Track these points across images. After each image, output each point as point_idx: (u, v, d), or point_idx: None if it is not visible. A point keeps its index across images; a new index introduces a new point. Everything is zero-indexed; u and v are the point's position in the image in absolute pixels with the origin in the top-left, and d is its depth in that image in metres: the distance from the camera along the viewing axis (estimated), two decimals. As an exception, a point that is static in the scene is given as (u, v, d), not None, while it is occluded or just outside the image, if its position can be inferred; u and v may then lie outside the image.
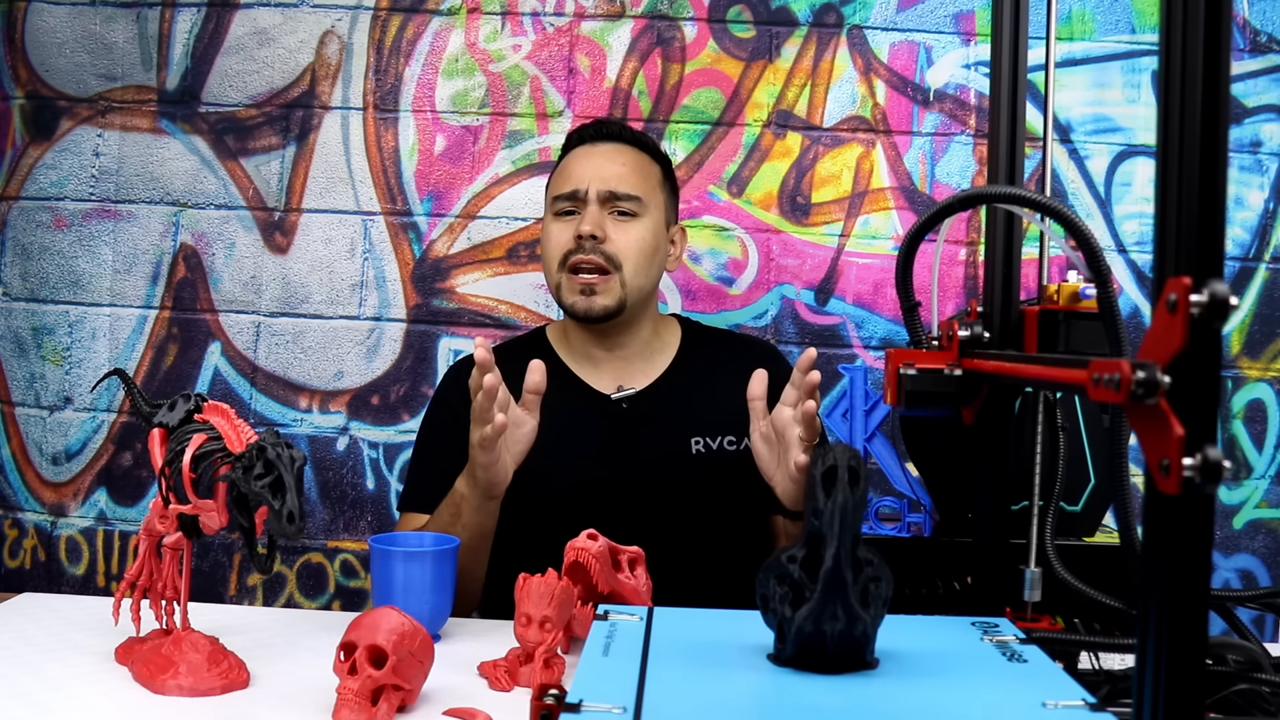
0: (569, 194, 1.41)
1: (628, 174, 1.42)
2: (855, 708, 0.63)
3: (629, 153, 1.45)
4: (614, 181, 1.40)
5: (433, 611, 1.10)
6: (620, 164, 1.42)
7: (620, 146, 1.45)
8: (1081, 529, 1.06)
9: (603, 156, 1.43)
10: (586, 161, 1.43)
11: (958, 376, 0.89)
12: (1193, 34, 0.51)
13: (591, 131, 1.47)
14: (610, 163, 1.42)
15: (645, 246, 1.41)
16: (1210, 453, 0.49)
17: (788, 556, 0.69)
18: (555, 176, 1.47)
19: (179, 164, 1.84)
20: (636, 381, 1.44)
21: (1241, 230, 1.80)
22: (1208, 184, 0.51)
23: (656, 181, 1.46)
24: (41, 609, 1.17)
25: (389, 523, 1.82)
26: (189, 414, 0.98)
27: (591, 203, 1.39)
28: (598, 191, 1.40)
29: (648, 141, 1.49)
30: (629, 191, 1.41)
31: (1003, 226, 0.96)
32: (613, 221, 1.40)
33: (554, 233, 1.42)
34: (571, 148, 1.48)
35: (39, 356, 1.87)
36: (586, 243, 1.37)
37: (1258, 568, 1.80)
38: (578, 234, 1.38)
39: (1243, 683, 0.83)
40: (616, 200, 1.40)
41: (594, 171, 1.41)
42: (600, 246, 1.38)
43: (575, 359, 1.47)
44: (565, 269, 1.39)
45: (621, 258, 1.39)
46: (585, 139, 1.47)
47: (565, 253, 1.39)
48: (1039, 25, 1.00)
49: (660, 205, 1.45)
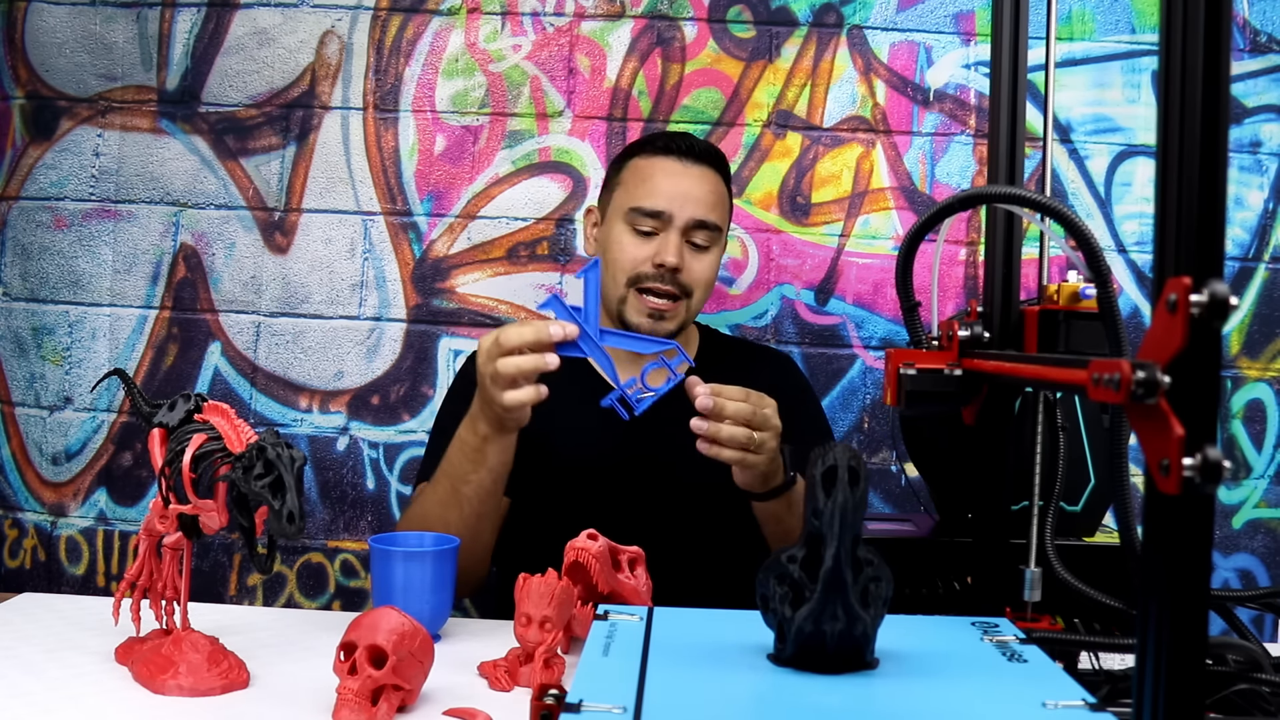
0: (654, 212, 1.38)
1: (715, 202, 1.41)
2: (855, 708, 0.63)
3: (714, 178, 1.43)
4: (703, 210, 1.39)
5: (433, 611, 1.10)
6: (709, 190, 1.41)
7: (707, 171, 1.42)
8: (1081, 529, 1.06)
9: (693, 180, 1.40)
10: (676, 181, 1.40)
11: (958, 376, 0.89)
12: (1193, 34, 0.51)
13: (682, 146, 1.43)
14: (700, 188, 1.40)
15: (713, 273, 1.43)
16: (1210, 453, 0.49)
17: (788, 556, 0.69)
18: (634, 182, 1.42)
19: (179, 164, 1.84)
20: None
21: (1241, 230, 1.80)
22: (1208, 184, 0.51)
23: (728, 205, 1.47)
24: (41, 609, 1.17)
25: (389, 523, 1.82)
26: (189, 414, 0.98)
27: (675, 231, 1.38)
28: (686, 220, 1.38)
29: (724, 159, 1.47)
30: (714, 220, 1.40)
31: (1003, 226, 0.96)
32: (689, 250, 1.39)
33: (628, 246, 1.39)
34: (652, 154, 1.43)
35: (39, 356, 1.87)
36: (666, 274, 1.37)
37: (1257, 568, 1.80)
38: (659, 262, 1.37)
39: (1243, 683, 0.83)
40: (701, 229, 1.39)
41: (684, 196, 1.39)
42: (677, 277, 1.38)
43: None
44: (633, 288, 1.39)
45: (693, 285, 1.40)
46: (674, 152, 1.42)
47: (638, 273, 1.38)
48: (1039, 25, 1.00)
49: (727, 227, 1.47)
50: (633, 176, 1.43)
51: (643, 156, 1.44)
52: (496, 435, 1.22)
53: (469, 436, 1.25)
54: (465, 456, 1.25)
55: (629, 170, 1.45)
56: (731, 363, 1.50)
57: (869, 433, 1.81)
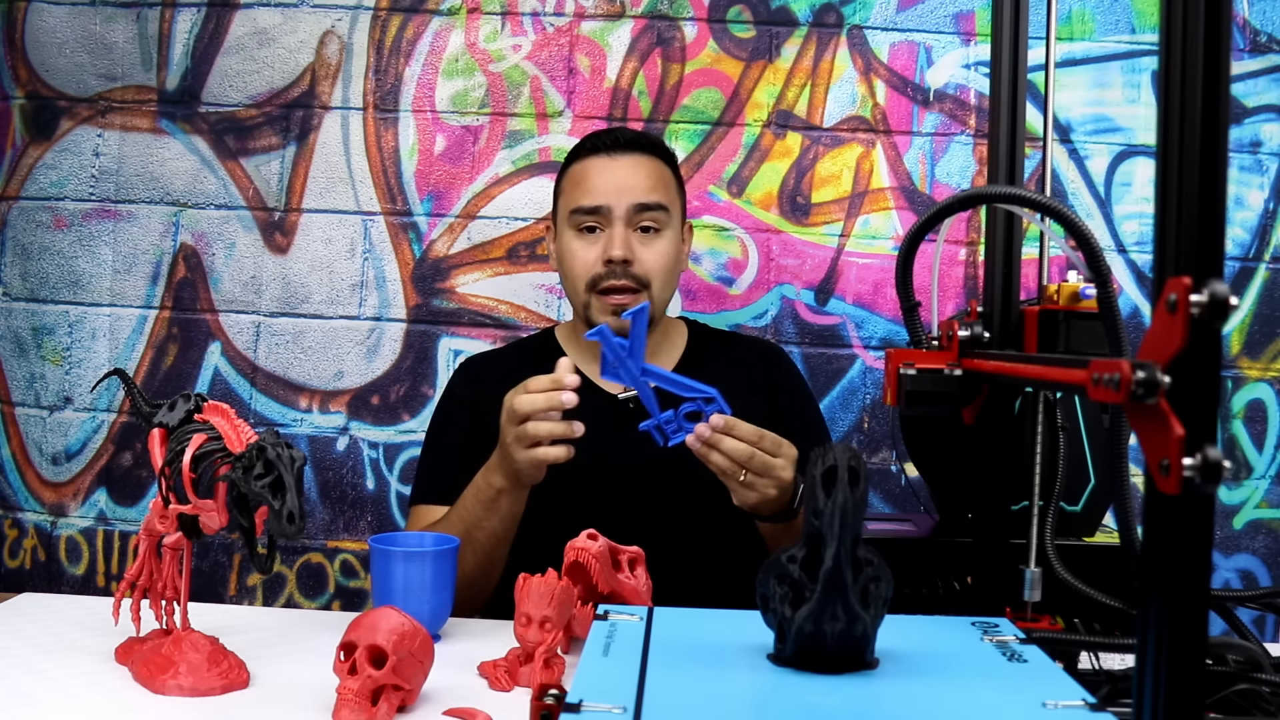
0: (592, 208, 1.38)
1: (654, 184, 1.39)
2: (855, 708, 0.63)
3: (648, 162, 1.41)
4: (641, 194, 1.37)
5: (433, 611, 1.10)
6: (644, 175, 1.39)
7: (639, 157, 1.41)
8: (1081, 529, 1.06)
9: (625, 169, 1.39)
10: (608, 174, 1.39)
11: (958, 376, 0.89)
12: (1193, 34, 0.51)
13: (608, 141, 1.42)
14: (634, 174, 1.39)
15: (670, 260, 1.40)
16: (1210, 453, 0.49)
17: (788, 556, 0.69)
18: (571, 188, 1.42)
19: (179, 164, 1.84)
20: None
21: (1241, 230, 1.80)
22: (1208, 184, 0.51)
23: (675, 187, 1.45)
24: (41, 609, 1.17)
25: (389, 523, 1.82)
26: (189, 414, 0.98)
27: (618, 222, 1.37)
28: (626, 208, 1.37)
29: (659, 144, 1.46)
30: (657, 200, 1.38)
31: (1003, 226, 0.96)
32: (639, 239, 1.38)
33: (578, 251, 1.39)
34: (583, 156, 1.43)
35: (39, 356, 1.87)
36: (617, 267, 1.36)
37: (1258, 568, 1.80)
38: (607, 258, 1.36)
39: (1243, 683, 0.83)
40: (644, 212, 1.37)
41: (619, 185, 1.37)
42: (630, 270, 1.36)
43: (584, 360, 1.47)
44: (594, 291, 1.38)
45: (650, 276, 1.38)
46: (601, 148, 1.41)
47: (594, 275, 1.37)
48: (1039, 25, 1.01)
49: (678, 211, 1.44)
50: (569, 183, 1.43)
51: (577, 162, 1.43)
52: (512, 489, 1.23)
53: (485, 486, 1.25)
54: (480, 504, 1.26)
55: (566, 179, 1.44)
56: (720, 355, 1.50)
57: (869, 433, 1.81)
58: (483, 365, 1.51)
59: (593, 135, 1.46)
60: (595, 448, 1.39)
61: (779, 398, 1.46)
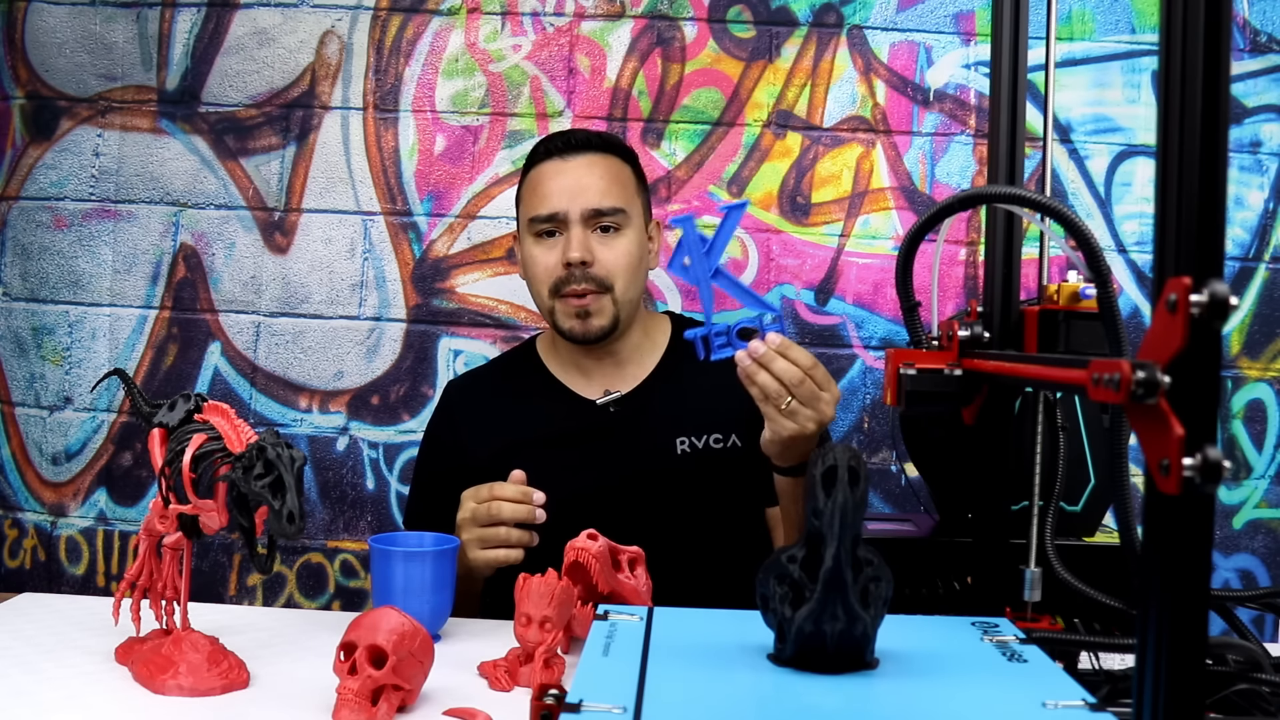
0: (548, 215, 1.36)
1: (608, 186, 1.37)
2: (855, 708, 0.63)
3: (603, 162, 1.39)
4: (595, 197, 1.36)
5: (433, 611, 1.10)
6: (598, 176, 1.37)
7: (593, 157, 1.38)
8: (1081, 529, 1.06)
9: (579, 171, 1.37)
10: (561, 178, 1.37)
11: (958, 376, 0.89)
12: (1193, 34, 0.51)
13: (560, 143, 1.39)
14: (588, 176, 1.37)
15: (632, 259, 1.38)
16: (1210, 453, 0.49)
17: (788, 556, 0.69)
18: (527, 195, 1.41)
19: (179, 164, 1.84)
20: (625, 384, 1.43)
21: (1241, 230, 1.80)
22: (1208, 184, 0.51)
23: (633, 187, 1.42)
24: (41, 609, 1.17)
25: (389, 523, 1.82)
26: (189, 414, 0.98)
27: (575, 224, 1.35)
28: (580, 211, 1.35)
29: (616, 142, 1.44)
30: (612, 204, 1.36)
31: (1003, 226, 0.96)
32: (597, 240, 1.36)
33: (538, 257, 1.38)
34: (538, 161, 1.41)
35: (39, 356, 1.87)
36: (576, 270, 1.34)
37: (1258, 568, 1.80)
38: (566, 261, 1.34)
39: (1243, 683, 0.83)
40: (599, 217, 1.36)
41: (572, 189, 1.36)
42: (589, 272, 1.35)
43: (564, 368, 1.46)
44: (557, 295, 1.36)
45: (612, 278, 1.36)
46: (554, 152, 1.39)
47: (555, 280, 1.36)
48: (1039, 25, 1.00)
49: (639, 209, 1.42)
50: (526, 190, 1.42)
51: (532, 168, 1.42)
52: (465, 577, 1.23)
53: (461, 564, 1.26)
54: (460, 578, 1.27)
55: (524, 186, 1.43)
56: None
57: (869, 433, 1.81)
58: (465, 392, 1.51)
59: (546, 139, 1.44)
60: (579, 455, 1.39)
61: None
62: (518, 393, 1.46)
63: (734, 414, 1.38)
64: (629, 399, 1.41)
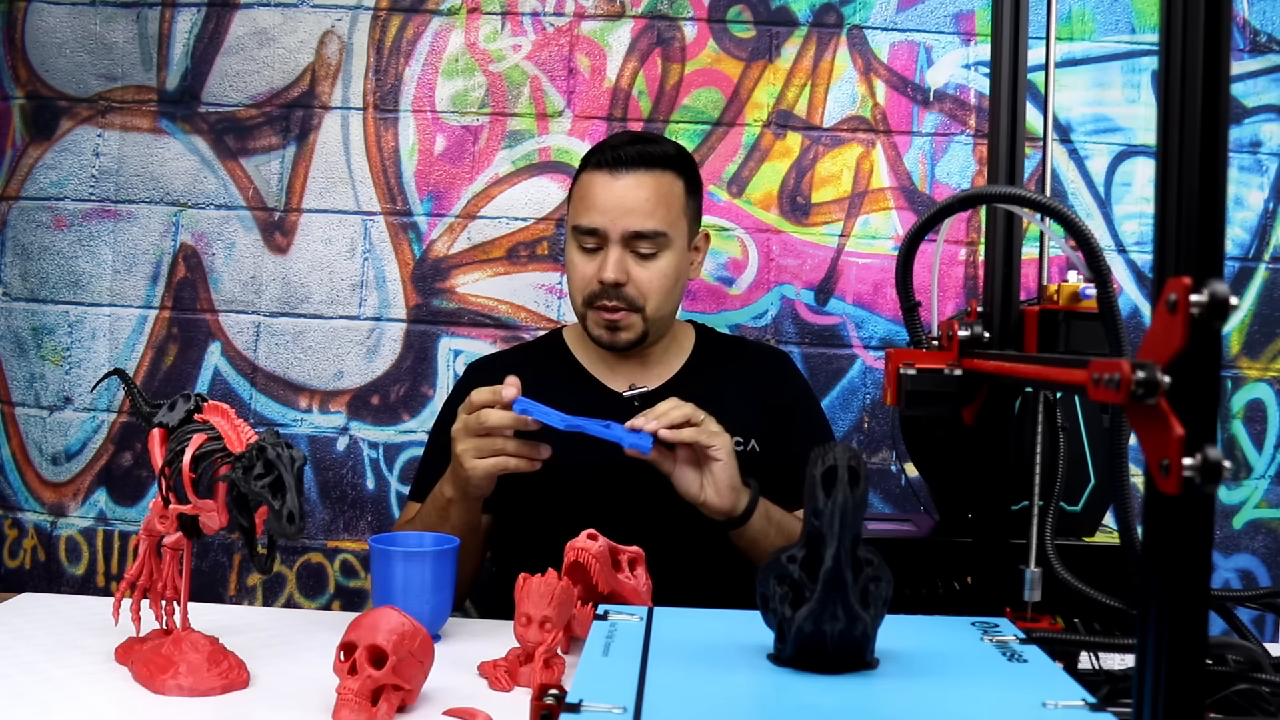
0: (589, 229, 1.37)
1: (652, 208, 1.37)
2: (855, 708, 0.63)
3: (652, 181, 1.38)
4: (637, 220, 1.36)
5: (433, 611, 1.10)
6: (643, 198, 1.36)
7: (642, 176, 1.37)
8: (1081, 529, 1.06)
9: (625, 189, 1.36)
10: (606, 194, 1.37)
11: (958, 376, 0.89)
12: (1193, 34, 0.51)
13: (611, 158, 1.38)
14: (633, 198, 1.36)
15: (667, 281, 1.39)
16: (1210, 453, 0.49)
17: (788, 556, 0.69)
18: (576, 199, 1.42)
19: (179, 164, 1.84)
20: (650, 382, 1.45)
21: (1241, 230, 1.80)
22: (1208, 184, 0.51)
23: (680, 206, 1.41)
24: (41, 609, 1.17)
25: (389, 523, 1.82)
26: (189, 414, 0.98)
27: (614, 245, 1.36)
28: (620, 233, 1.36)
29: (670, 156, 1.41)
30: (653, 229, 1.36)
31: (1003, 226, 0.96)
32: (634, 261, 1.37)
33: (578, 264, 1.40)
34: (589, 168, 1.40)
35: (39, 356, 1.87)
36: (610, 289, 1.36)
37: (1258, 568, 1.80)
38: (600, 279, 1.36)
39: (1243, 683, 0.83)
40: (639, 240, 1.37)
41: (616, 208, 1.36)
42: (623, 291, 1.36)
43: (591, 360, 1.48)
44: (589, 305, 1.39)
45: (644, 299, 1.38)
46: (605, 165, 1.38)
47: (589, 292, 1.38)
48: (1039, 25, 1.00)
49: (684, 229, 1.42)
50: (576, 194, 1.42)
51: (585, 172, 1.41)
52: (461, 499, 1.26)
53: (438, 494, 1.29)
54: (434, 510, 1.30)
55: (576, 187, 1.43)
56: (726, 360, 1.50)
57: (869, 433, 1.81)
58: (489, 368, 1.51)
59: (601, 147, 1.43)
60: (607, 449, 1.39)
61: (784, 406, 1.46)
62: (543, 378, 1.46)
63: (754, 420, 1.42)
64: (654, 396, 1.42)
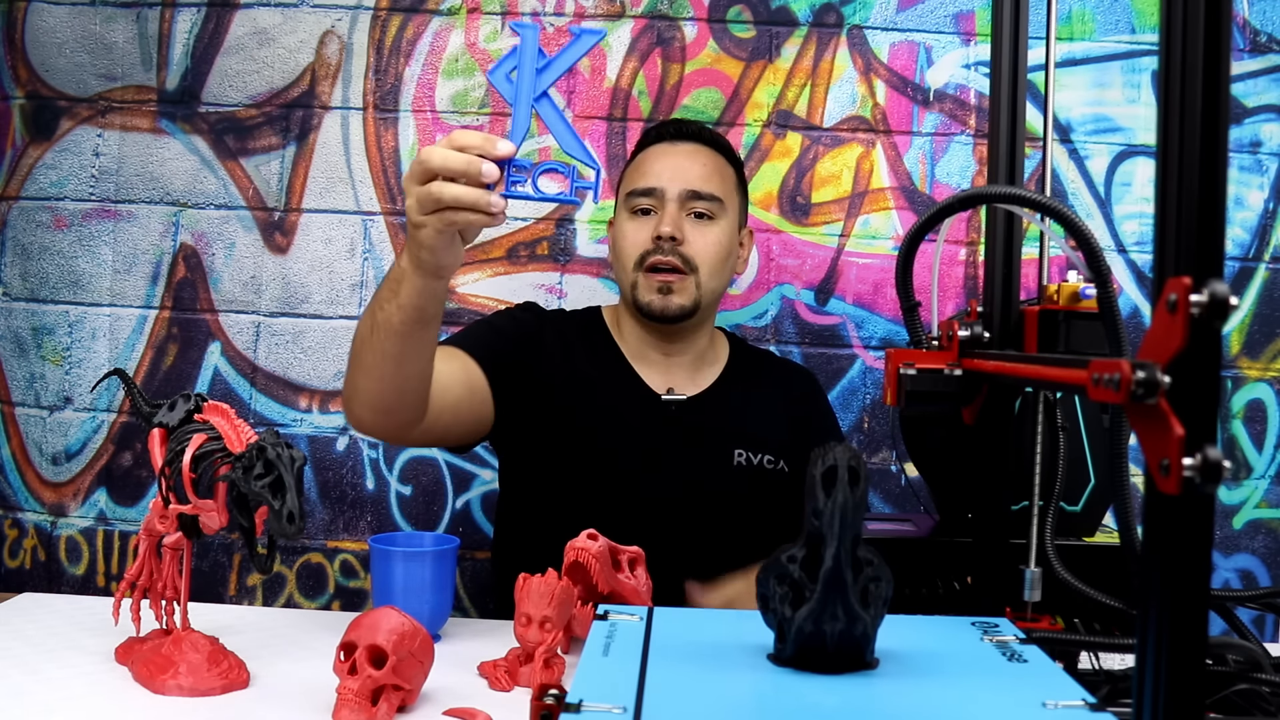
0: (646, 190, 1.40)
1: (709, 174, 1.41)
2: (855, 708, 0.63)
3: (708, 153, 1.44)
4: (695, 181, 1.39)
5: (433, 611, 1.10)
6: (701, 164, 1.42)
7: (699, 147, 1.44)
8: (1081, 529, 1.06)
9: (683, 156, 1.42)
10: (666, 160, 1.42)
11: (958, 376, 0.89)
12: (1193, 34, 0.51)
13: (671, 129, 1.46)
14: (691, 162, 1.41)
15: (721, 250, 1.41)
16: (1210, 453, 0.49)
17: (788, 556, 0.69)
18: (630, 173, 1.46)
19: (179, 164, 1.84)
20: (685, 389, 1.44)
21: (1241, 230, 1.80)
22: (1208, 184, 0.51)
23: (733, 184, 1.46)
24: (41, 609, 1.17)
25: (389, 523, 1.82)
26: (189, 414, 0.98)
27: (671, 202, 1.38)
28: (679, 191, 1.39)
29: (725, 144, 1.49)
30: (710, 191, 1.40)
31: (1003, 226, 0.96)
32: (690, 223, 1.39)
33: (630, 231, 1.41)
34: (648, 144, 1.47)
35: (39, 356, 1.87)
36: (665, 244, 1.37)
37: (1258, 568, 1.80)
38: (656, 235, 1.37)
39: (1243, 683, 0.83)
40: (697, 200, 1.39)
41: (674, 170, 1.40)
42: (678, 249, 1.37)
43: (630, 349, 1.47)
44: (641, 268, 1.38)
45: (698, 260, 1.38)
46: (664, 136, 1.45)
47: (642, 253, 1.38)
48: (1039, 25, 1.00)
49: (735, 208, 1.45)
50: (630, 170, 1.47)
51: (642, 150, 1.47)
52: (414, 272, 1.06)
53: (394, 267, 1.11)
54: (387, 284, 1.11)
55: (628, 168, 1.49)
56: (761, 375, 1.50)
57: (869, 433, 1.81)
58: (554, 323, 1.49)
59: (657, 125, 1.50)
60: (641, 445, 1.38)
61: (812, 429, 1.47)
62: (593, 356, 1.45)
63: (786, 439, 1.42)
64: (691, 402, 1.42)
